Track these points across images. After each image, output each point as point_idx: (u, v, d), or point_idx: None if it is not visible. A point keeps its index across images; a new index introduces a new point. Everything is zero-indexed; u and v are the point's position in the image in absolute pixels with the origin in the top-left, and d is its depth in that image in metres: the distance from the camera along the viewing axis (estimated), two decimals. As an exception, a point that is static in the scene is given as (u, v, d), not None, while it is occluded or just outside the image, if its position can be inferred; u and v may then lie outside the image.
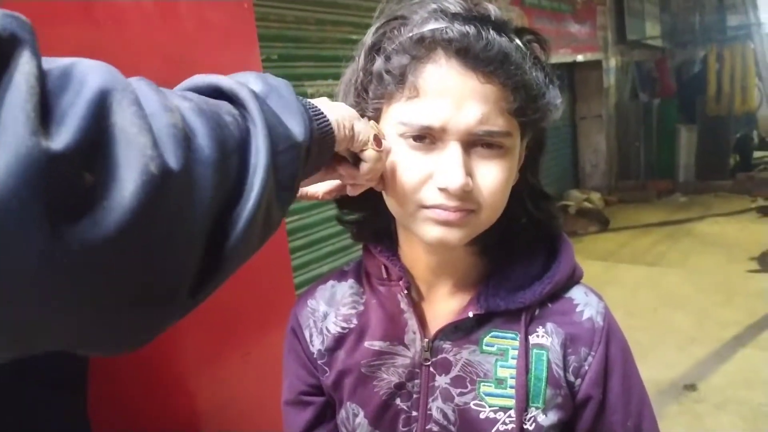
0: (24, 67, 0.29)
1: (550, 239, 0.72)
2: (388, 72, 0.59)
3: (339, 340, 0.73)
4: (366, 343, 0.71)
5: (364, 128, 0.57)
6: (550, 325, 0.68)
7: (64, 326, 0.33)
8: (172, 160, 0.33)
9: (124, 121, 0.32)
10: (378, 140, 0.59)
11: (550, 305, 0.69)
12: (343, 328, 0.73)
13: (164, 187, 0.33)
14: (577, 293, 0.70)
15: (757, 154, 8.54)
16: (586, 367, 0.66)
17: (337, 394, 0.74)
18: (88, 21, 1.07)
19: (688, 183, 7.65)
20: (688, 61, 8.69)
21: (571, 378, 0.67)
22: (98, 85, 0.32)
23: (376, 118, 0.64)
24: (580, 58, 6.63)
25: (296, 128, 0.46)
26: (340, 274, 0.78)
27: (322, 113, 0.52)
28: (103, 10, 1.10)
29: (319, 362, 0.75)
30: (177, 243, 0.36)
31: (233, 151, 0.40)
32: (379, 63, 0.61)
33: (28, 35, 0.30)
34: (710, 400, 2.80)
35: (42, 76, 0.30)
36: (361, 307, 0.74)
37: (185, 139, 0.35)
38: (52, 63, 0.33)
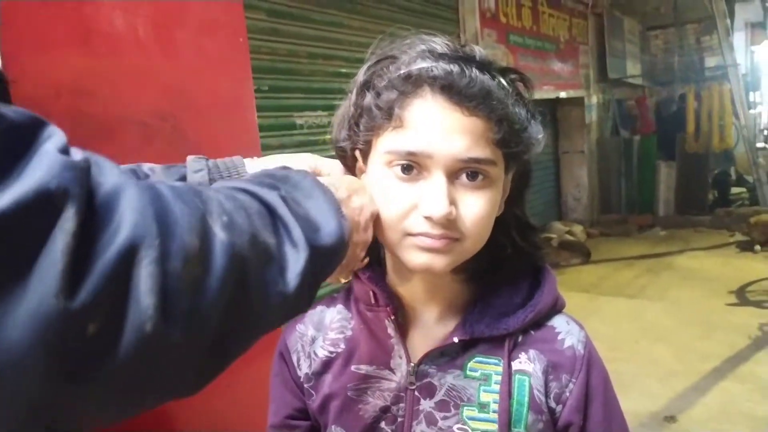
0: (65, 225, 0.32)
1: (535, 270, 0.74)
2: (377, 106, 0.62)
3: (326, 364, 0.74)
4: (353, 367, 0.73)
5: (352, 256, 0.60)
6: (532, 352, 0.70)
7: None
8: (171, 322, 0.35)
9: (139, 279, 0.34)
10: (347, 274, 0.65)
11: (532, 332, 0.71)
12: (331, 353, 0.75)
13: (157, 346, 0.35)
14: (559, 322, 0.72)
15: (735, 190, 8.72)
16: (567, 394, 0.68)
17: (322, 418, 0.75)
18: (86, 49, 1.10)
19: (668, 218, 7.76)
20: (667, 100, 8.92)
21: (552, 404, 0.68)
22: (128, 238, 0.34)
23: (366, 151, 0.67)
24: (563, 94, 6.79)
25: (331, 235, 0.49)
26: (329, 300, 0.80)
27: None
28: (101, 39, 1.13)
29: (305, 386, 0.76)
30: (169, 386, 0.39)
31: (254, 286, 0.42)
32: (369, 98, 0.64)
33: (78, 188, 0.33)
34: (690, 433, 2.81)
35: (81, 228, 0.32)
36: (349, 332, 0.75)
37: (194, 286, 0.37)
38: (105, 175, 0.35)
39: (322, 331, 0.77)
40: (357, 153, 0.68)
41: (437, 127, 0.60)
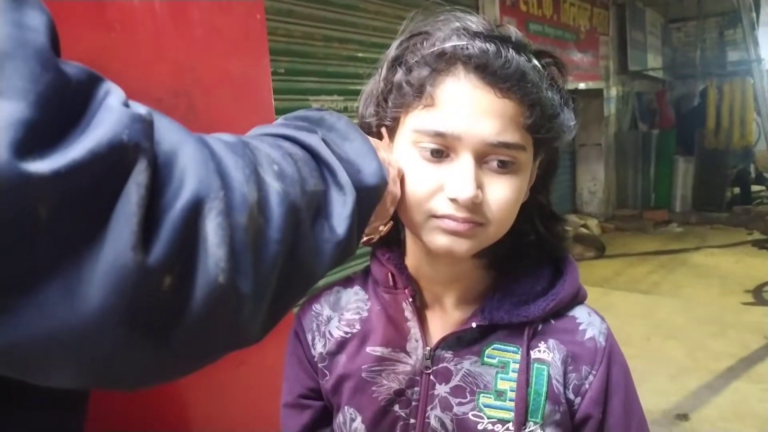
0: (138, 177, 0.31)
1: (556, 260, 0.72)
2: (408, 83, 0.61)
3: (341, 345, 0.74)
4: (368, 349, 0.72)
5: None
6: (552, 341, 0.68)
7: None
8: (241, 273, 0.36)
9: (209, 231, 0.34)
10: (377, 227, 0.63)
11: (553, 322, 0.69)
12: (346, 333, 0.74)
13: (228, 299, 0.35)
14: (580, 313, 0.71)
15: (754, 188, 8.59)
16: (587, 386, 0.67)
17: (335, 398, 0.74)
18: (99, 24, 1.08)
19: (685, 214, 7.68)
20: (688, 94, 8.78)
21: (571, 396, 0.67)
22: (194, 191, 0.34)
23: (393, 128, 0.65)
24: (581, 86, 6.71)
25: (372, 177, 0.50)
26: (345, 281, 0.79)
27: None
28: (115, 14, 1.11)
29: (319, 366, 0.75)
30: (235, 339, 0.39)
31: (306, 236, 0.43)
32: (400, 74, 0.62)
33: (147, 141, 0.32)
34: (702, 432, 2.78)
35: (152, 181, 0.32)
36: (365, 313, 0.74)
37: (257, 237, 0.37)
38: (163, 130, 0.35)
39: (338, 311, 0.76)
40: (383, 130, 0.67)
41: (468, 108, 0.58)
